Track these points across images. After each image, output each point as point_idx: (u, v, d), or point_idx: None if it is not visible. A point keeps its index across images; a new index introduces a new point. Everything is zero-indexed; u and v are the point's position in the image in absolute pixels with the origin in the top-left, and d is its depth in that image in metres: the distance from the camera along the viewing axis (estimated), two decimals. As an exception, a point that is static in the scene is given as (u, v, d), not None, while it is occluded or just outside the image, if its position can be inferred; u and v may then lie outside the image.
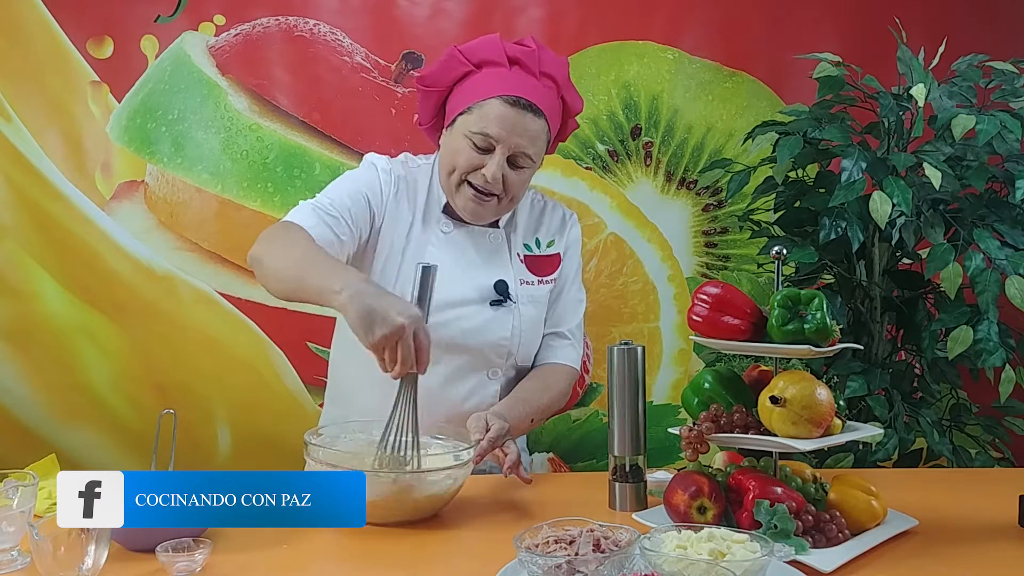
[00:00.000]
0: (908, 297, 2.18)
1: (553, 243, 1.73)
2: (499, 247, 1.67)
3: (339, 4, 2.51)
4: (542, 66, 1.59)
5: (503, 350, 1.64)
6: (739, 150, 2.46)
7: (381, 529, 1.33)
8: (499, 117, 1.54)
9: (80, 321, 2.49)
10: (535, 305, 1.68)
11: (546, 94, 1.59)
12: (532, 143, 1.56)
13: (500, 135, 1.54)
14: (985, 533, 1.31)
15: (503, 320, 1.63)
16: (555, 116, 1.62)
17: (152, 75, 2.48)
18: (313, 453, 1.36)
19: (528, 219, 1.73)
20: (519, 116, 1.54)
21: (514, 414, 1.55)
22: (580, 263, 1.79)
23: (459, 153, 1.57)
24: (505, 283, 1.64)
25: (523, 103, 1.55)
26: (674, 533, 1.13)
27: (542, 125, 1.58)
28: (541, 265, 1.71)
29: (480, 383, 1.65)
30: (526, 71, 1.58)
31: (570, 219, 1.77)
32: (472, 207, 1.60)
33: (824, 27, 2.54)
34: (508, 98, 1.55)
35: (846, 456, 2.05)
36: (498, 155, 1.55)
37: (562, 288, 1.74)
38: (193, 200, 2.50)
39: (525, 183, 1.62)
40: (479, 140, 1.55)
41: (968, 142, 2.04)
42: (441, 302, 1.56)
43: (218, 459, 2.52)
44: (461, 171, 1.58)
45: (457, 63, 1.60)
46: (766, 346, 1.30)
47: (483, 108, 1.55)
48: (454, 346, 1.61)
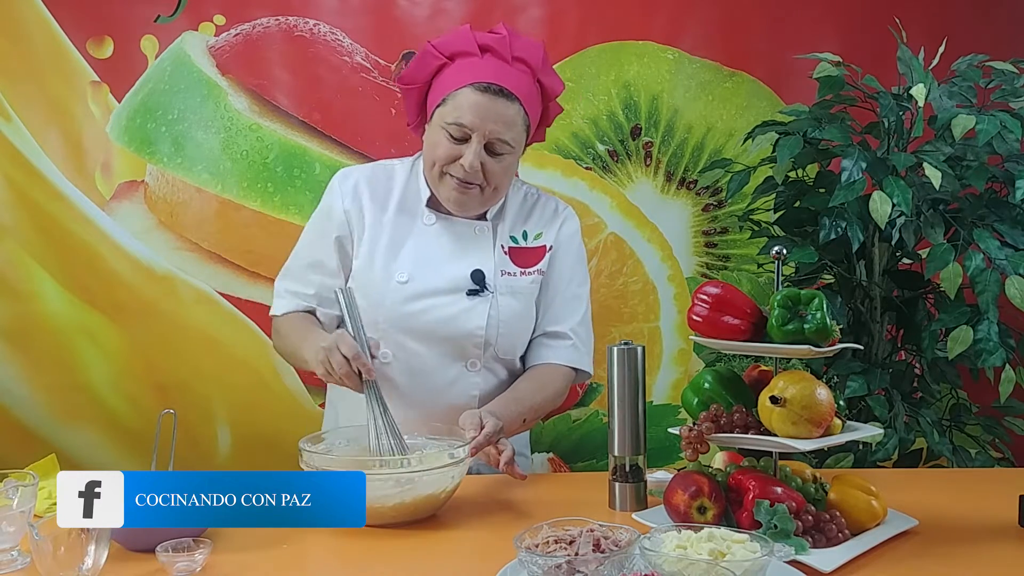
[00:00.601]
0: (908, 297, 2.18)
1: (541, 235, 1.72)
2: (482, 238, 1.67)
3: (339, 4, 2.51)
4: (514, 51, 1.59)
5: (479, 340, 1.64)
6: (739, 150, 2.46)
7: (381, 529, 1.33)
8: (472, 105, 1.55)
9: (80, 321, 2.49)
10: (516, 296, 1.67)
11: (520, 78, 1.59)
12: (508, 128, 1.57)
13: (474, 123, 1.55)
14: (985, 533, 1.31)
15: (479, 310, 1.63)
16: (532, 100, 1.61)
17: (152, 75, 2.48)
18: (308, 460, 1.36)
19: (518, 212, 1.72)
20: (492, 102, 1.55)
21: (506, 413, 1.56)
22: (580, 259, 1.76)
23: (437, 145, 1.59)
24: (482, 272, 1.64)
25: (494, 89, 1.55)
26: (674, 533, 1.13)
27: (517, 110, 1.58)
28: (524, 257, 1.70)
29: (460, 374, 1.65)
30: (498, 57, 1.59)
31: (563, 212, 1.76)
32: (456, 197, 1.61)
33: (824, 27, 2.54)
34: (479, 85, 1.55)
35: (846, 456, 2.05)
36: (474, 143, 1.56)
37: (557, 285, 1.72)
38: (193, 200, 2.50)
39: (507, 171, 1.62)
40: (454, 130, 1.57)
41: (968, 142, 2.04)
42: (416, 292, 1.62)
43: (218, 459, 2.52)
44: (440, 163, 1.59)
45: (431, 58, 1.62)
46: (766, 346, 1.30)
47: (456, 98, 1.57)
48: (430, 335, 1.63)
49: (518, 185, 1.76)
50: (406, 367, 1.63)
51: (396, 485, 1.32)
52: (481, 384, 1.66)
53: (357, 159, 2.48)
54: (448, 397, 1.64)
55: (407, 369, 1.63)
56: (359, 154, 2.49)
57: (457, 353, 1.64)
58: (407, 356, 1.63)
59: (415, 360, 1.62)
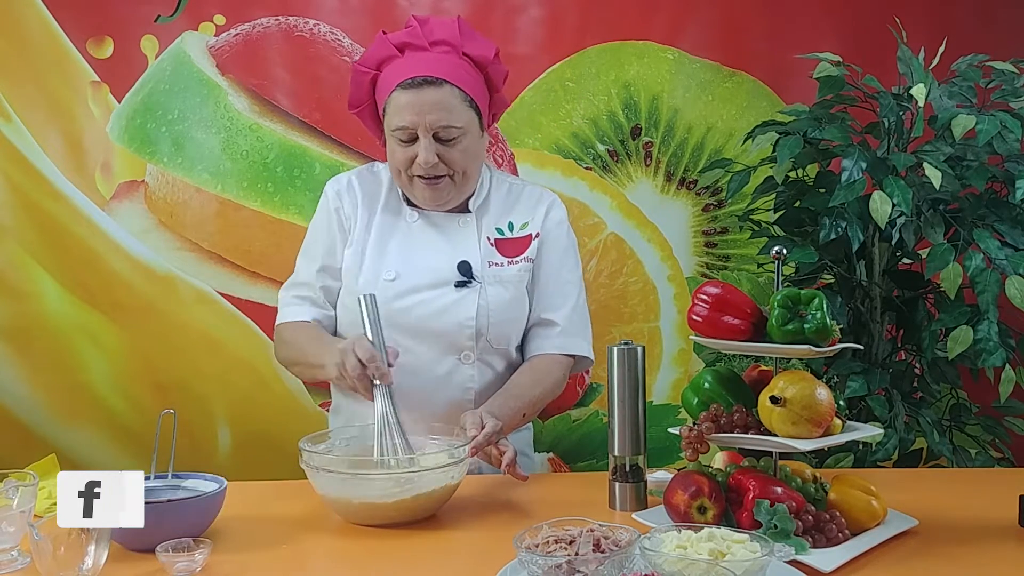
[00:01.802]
0: (908, 297, 2.18)
1: (527, 224, 1.72)
2: (466, 229, 1.68)
3: (339, 4, 2.50)
4: (429, 37, 1.60)
5: (470, 331, 1.64)
6: (739, 150, 2.46)
7: (381, 529, 1.33)
8: (404, 105, 1.57)
9: (80, 321, 2.49)
10: (504, 285, 1.67)
11: (442, 60, 1.59)
12: (448, 113, 1.57)
13: (412, 120, 1.57)
14: (985, 533, 1.31)
15: (468, 301, 1.64)
16: (463, 76, 1.60)
17: (152, 75, 2.48)
18: (308, 460, 1.36)
19: (503, 204, 1.73)
20: (420, 95, 1.56)
21: (505, 411, 1.56)
22: (570, 247, 1.76)
23: (394, 153, 1.62)
24: (468, 263, 1.65)
25: (418, 80, 1.56)
26: (674, 533, 1.13)
27: (449, 90, 1.58)
28: (511, 247, 1.71)
29: (454, 368, 1.65)
30: (416, 49, 1.60)
31: (547, 199, 1.76)
32: (428, 194, 1.63)
33: (824, 27, 2.54)
34: (405, 83, 1.57)
35: (846, 456, 2.05)
36: (423, 139, 1.57)
37: (548, 272, 1.72)
38: (193, 200, 2.50)
39: (467, 153, 1.61)
40: (400, 134, 1.59)
41: (968, 142, 2.04)
42: (404, 288, 1.64)
43: (218, 459, 2.52)
44: (402, 168, 1.62)
45: (360, 75, 1.65)
46: (766, 346, 1.30)
47: (391, 103, 1.59)
48: (421, 330, 1.64)
49: (503, 178, 1.77)
50: (401, 365, 1.62)
51: (396, 485, 1.32)
52: (477, 377, 1.67)
53: (357, 159, 2.48)
54: (445, 392, 1.65)
55: (402, 366, 1.61)
56: (359, 154, 2.49)
57: (450, 346, 1.65)
58: (401, 353, 1.62)
59: (409, 357, 1.62)
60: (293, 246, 1.80)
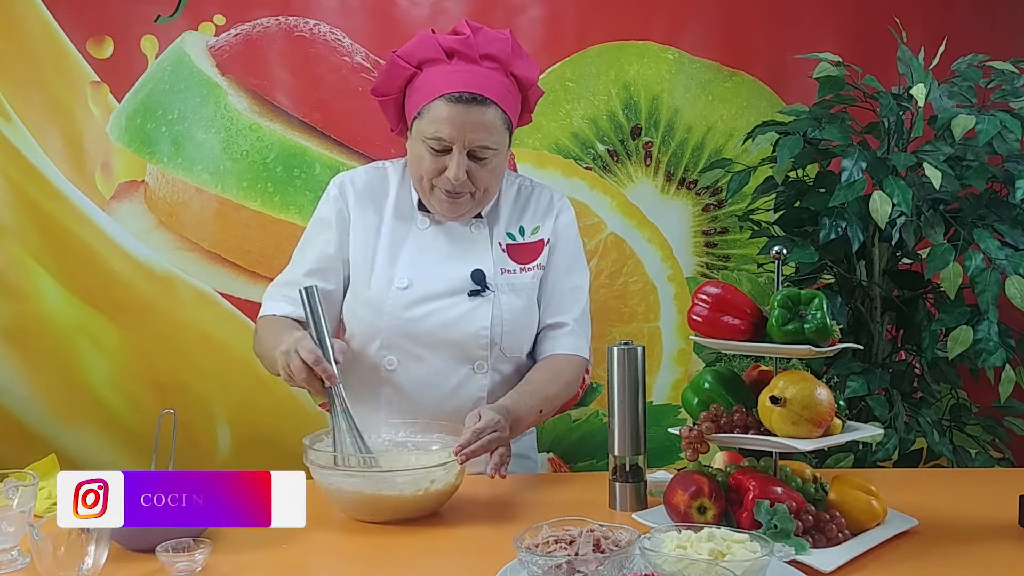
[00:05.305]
0: (908, 297, 2.18)
1: (538, 229, 1.69)
2: (478, 237, 1.65)
3: (339, 4, 2.50)
4: (480, 50, 1.55)
5: (484, 341, 1.61)
6: (739, 150, 2.46)
7: (381, 529, 1.33)
8: (448, 118, 1.52)
9: (80, 321, 2.49)
10: (518, 294, 1.65)
11: (492, 77, 1.55)
12: (488, 134, 1.53)
13: (452, 135, 1.52)
14: (985, 533, 1.31)
15: (482, 310, 1.61)
16: (508, 97, 1.57)
17: (152, 75, 2.48)
18: (312, 457, 1.36)
19: (513, 208, 1.70)
20: (467, 112, 1.52)
21: (520, 405, 1.54)
22: (578, 250, 1.74)
23: (421, 159, 1.57)
24: (482, 272, 1.62)
25: (467, 97, 1.52)
26: (674, 533, 1.13)
27: (494, 112, 1.54)
28: (523, 252, 1.68)
29: (466, 377, 1.62)
30: (465, 60, 1.54)
31: (558, 202, 1.72)
32: (448, 207, 1.59)
33: (824, 27, 2.54)
34: (451, 96, 1.52)
35: (846, 456, 2.05)
36: (456, 155, 1.53)
37: (557, 277, 1.70)
38: (193, 200, 2.50)
39: (494, 172, 1.59)
40: (434, 144, 1.54)
41: (968, 142, 2.04)
42: (417, 297, 1.60)
43: (218, 459, 2.52)
44: (427, 176, 1.57)
45: (399, 69, 1.59)
46: (766, 346, 1.30)
47: (431, 111, 1.53)
48: (434, 340, 1.60)
49: (511, 179, 1.74)
50: (412, 374, 1.61)
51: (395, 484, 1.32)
52: (488, 385, 1.64)
53: (357, 159, 2.48)
54: (455, 401, 1.61)
55: (413, 376, 1.61)
56: (359, 154, 2.49)
57: (463, 356, 1.62)
58: (412, 362, 1.61)
59: (421, 366, 1.60)
60: (293, 246, 1.78)
